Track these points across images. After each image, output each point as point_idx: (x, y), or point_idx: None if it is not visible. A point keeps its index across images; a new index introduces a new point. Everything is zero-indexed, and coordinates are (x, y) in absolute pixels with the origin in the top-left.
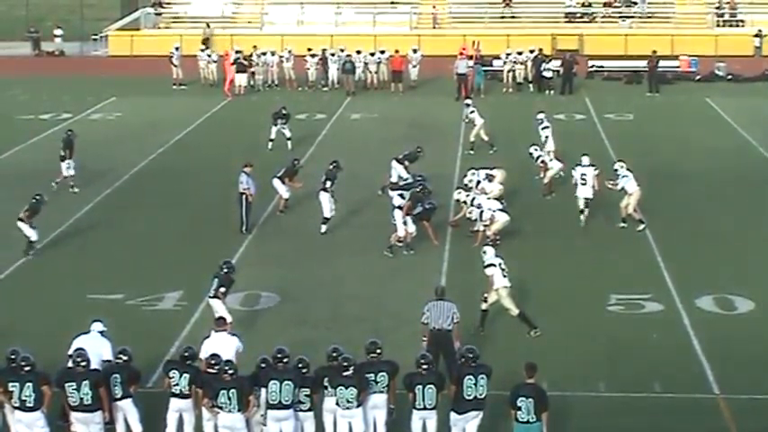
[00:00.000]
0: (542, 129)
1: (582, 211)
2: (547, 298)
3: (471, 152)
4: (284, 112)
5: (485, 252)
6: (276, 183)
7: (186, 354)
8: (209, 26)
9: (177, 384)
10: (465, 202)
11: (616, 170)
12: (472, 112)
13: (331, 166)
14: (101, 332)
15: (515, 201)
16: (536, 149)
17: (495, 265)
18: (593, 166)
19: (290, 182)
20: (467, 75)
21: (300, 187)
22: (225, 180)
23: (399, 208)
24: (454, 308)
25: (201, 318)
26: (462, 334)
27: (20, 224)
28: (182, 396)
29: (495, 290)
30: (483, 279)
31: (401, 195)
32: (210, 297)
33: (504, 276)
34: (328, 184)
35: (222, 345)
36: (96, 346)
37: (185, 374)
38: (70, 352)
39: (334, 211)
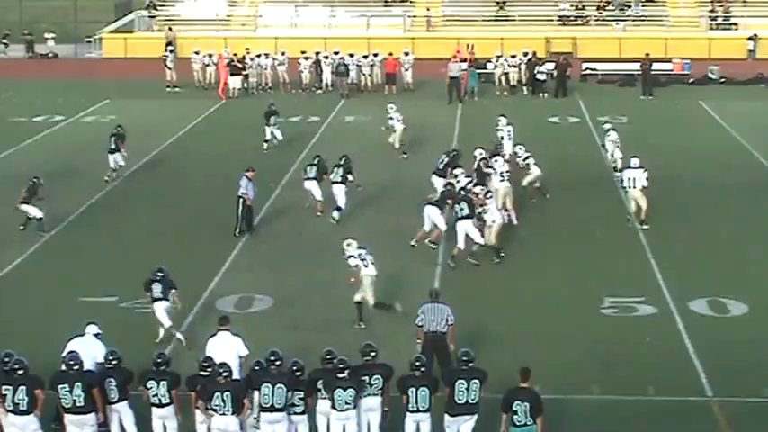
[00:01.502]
0: (497, 131)
1: (630, 215)
2: (540, 301)
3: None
4: (273, 108)
5: (348, 245)
6: (310, 185)
7: (159, 360)
8: (171, 29)
9: (156, 394)
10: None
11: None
12: (390, 119)
13: (342, 160)
14: (96, 335)
15: None
16: (521, 149)
17: (355, 257)
18: (642, 168)
19: (326, 176)
20: (459, 78)
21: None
22: (219, 182)
23: (464, 218)
24: (448, 310)
25: (195, 320)
26: (457, 336)
27: (23, 207)
28: (161, 405)
29: (360, 278)
30: (478, 282)
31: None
32: (158, 300)
33: (366, 266)
34: (349, 176)
35: (225, 345)
36: (91, 349)
37: (162, 382)
38: (64, 354)
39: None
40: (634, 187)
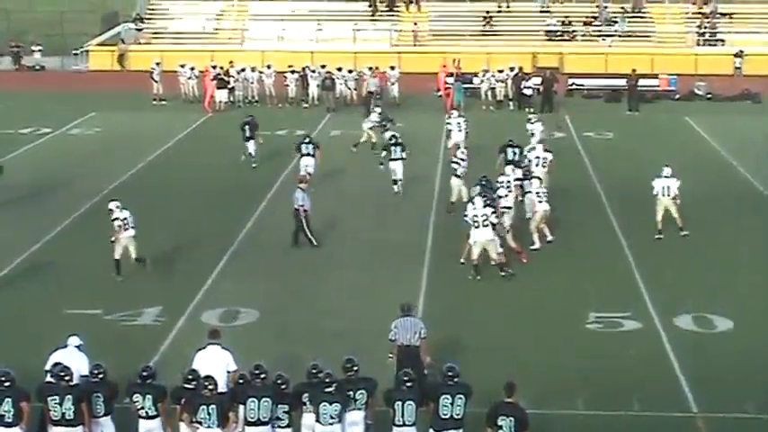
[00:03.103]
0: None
1: (659, 224)
2: (526, 315)
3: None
4: (251, 121)
5: (117, 207)
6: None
7: (145, 373)
8: (123, 41)
9: (142, 407)
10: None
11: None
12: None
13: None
14: (77, 346)
15: None
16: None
17: (119, 219)
18: (674, 177)
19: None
20: (376, 92)
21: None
22: (204, 196)
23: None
24: (420, 323)
25: (180, 333)
26: (440, 350)
27: None
28: (148, 417)
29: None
30: (463, 296)
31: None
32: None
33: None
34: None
35: (214, 359)
36: (74, 362)
37: (148, 395)
38: (47, 367)
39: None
40: (667, 195)
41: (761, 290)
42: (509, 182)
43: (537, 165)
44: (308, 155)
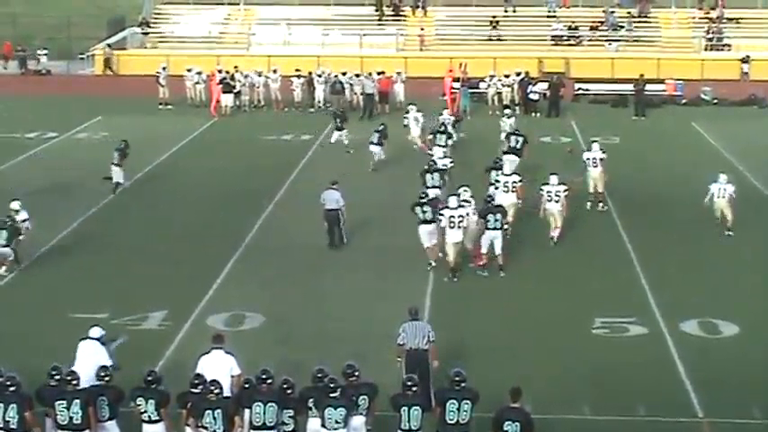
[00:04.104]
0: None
1: (719, 224)
2: (531, 320)
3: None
4: (126, 150)
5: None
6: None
7: (150, 378)
8: (110, 46)
9: (145, 411)
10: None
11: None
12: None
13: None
14: (99, 338)
15: None
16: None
17: None
18: (730, 183)
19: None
20: (374, 94)
21: None
22: (210, 200)
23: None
24: (429, 327)
25: (186, 337)
26: (447, 354)
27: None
28: (151, 422)
29: None
30: (469, 300)
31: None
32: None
33: None
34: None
35: (218, 363)
36: (95, 352)
37: (151, 400)
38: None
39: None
40: (723, 197)
41: (767, 296)
42: (514, 182)
43: (592, 165)
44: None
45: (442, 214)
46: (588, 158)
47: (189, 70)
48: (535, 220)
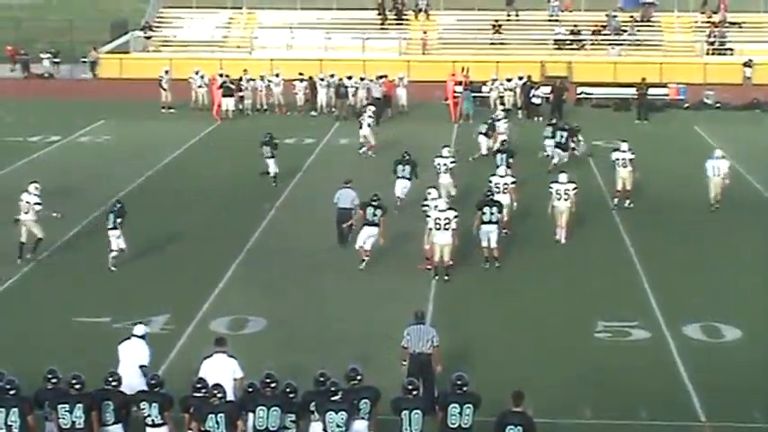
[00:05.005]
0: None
1: (713, 202)
2: (533, 323)
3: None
4: (268, 139)
5: None
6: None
7: (153, 382)
8: (95, 49)
9: (149, 415)
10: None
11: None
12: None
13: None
14: (141, 336)
15: None
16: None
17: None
18: (724, 158)
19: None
20: (380, 99)
21: None
22: (213, 204)
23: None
24: (433, 331)
25: (189, 341)
26: (448, 358)
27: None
28: (155, 425)
29: None
30: (471, 303)
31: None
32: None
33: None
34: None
35: (220, 367)
36: (137, 351)
37: (154, 404)
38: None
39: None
40: (717, 175)
41: None
42: (506, 183)
43: (621, 165)
44: (403, 177)
45: (428, 215)
46: (618, 159)
47: (196, 73)
48: (535, 221)
